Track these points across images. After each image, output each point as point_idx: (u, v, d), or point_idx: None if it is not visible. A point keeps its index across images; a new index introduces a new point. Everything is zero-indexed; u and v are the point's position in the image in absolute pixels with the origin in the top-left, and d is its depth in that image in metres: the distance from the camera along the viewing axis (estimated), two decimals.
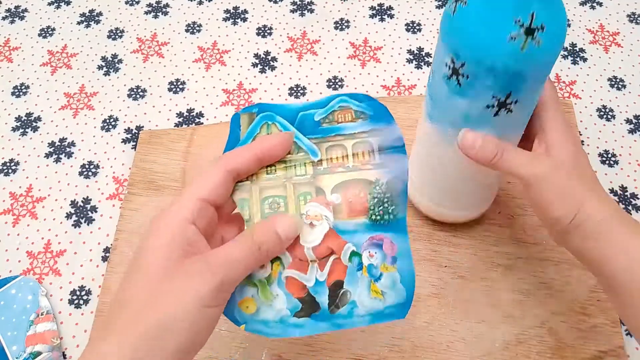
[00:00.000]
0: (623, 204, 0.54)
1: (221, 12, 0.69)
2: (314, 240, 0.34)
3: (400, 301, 0.34)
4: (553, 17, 0.33)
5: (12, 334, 0.48)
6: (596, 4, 0.67)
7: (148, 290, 0.30)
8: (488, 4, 0.33)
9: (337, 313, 0.34)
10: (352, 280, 0.34)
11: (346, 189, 0.35)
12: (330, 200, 0.35)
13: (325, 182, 0.35)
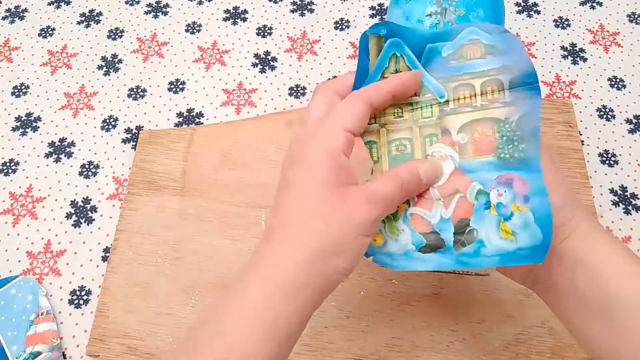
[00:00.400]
0: (623, 204, 0.54)
1: (221, 12, 0.69)
2: (440, 181, 0.34)
3: (536, 243, 0.32)
4: None
5: (12, 334, 0.48)
6: (596, 4, 0.67)
7: (310, 213, 0.31)
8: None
9: (463, 251, 0.33)
10: (479, 218, 0.33)
11: (474, 128, 0.34)
12: (456, 140, 0.35)
13: (451, 122, 0.35)
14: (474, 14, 0.36)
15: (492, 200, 0.33)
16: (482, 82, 0.35)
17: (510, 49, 0.35)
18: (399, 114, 0.36)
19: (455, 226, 0.34)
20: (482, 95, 0.34)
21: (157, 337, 0.48)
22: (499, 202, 0.33)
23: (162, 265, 0.51)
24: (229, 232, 0.52)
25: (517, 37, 0.36)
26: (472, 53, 0.35)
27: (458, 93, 0.35)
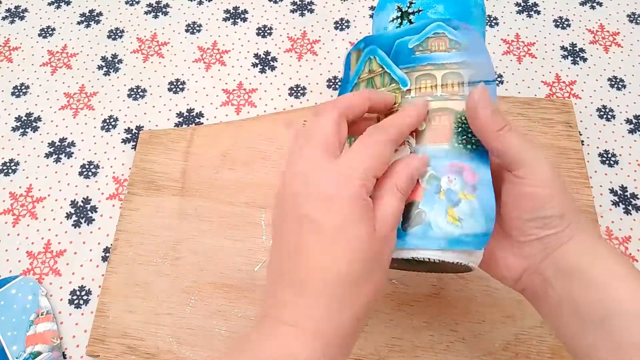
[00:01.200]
0: (623, 204, 0.54)
1: (221, 12, 0.69)
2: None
3: (478, 231, 0.33)
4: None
5: (12, 334, 0.48)
6: (596, 4, 0.67)
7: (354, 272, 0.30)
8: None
9: (412, 232, 0.33)
10: (428, 201, 0.33)
11: (432, 116, 0.35)
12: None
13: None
14: (431, 10, 0.37)
15: (442, 186, 0.34)
16: (443, 74, 0.36)
17: (474, 46, 0.36)
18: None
19: (405, 208, 0.33)
20: (442, 87, 0.36)
21: (157, 337, 0.48)
22: (449, 188, 0.34)
23: (162, 265, 0.51)
24: (229, 232, 0.52)
25: (480, 36, 0.37)
26: (437, 46, 0.36)
27: (420, 82, 0.36)
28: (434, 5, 0.37)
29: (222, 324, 0.48)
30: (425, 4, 0.38)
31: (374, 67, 0.38)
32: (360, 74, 0.38)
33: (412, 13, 0.38)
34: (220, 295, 0.50)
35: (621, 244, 0.52)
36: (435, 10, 0.37)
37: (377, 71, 0.37)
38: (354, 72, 0.39)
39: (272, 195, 0.54)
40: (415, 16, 0.37)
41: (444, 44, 0.36)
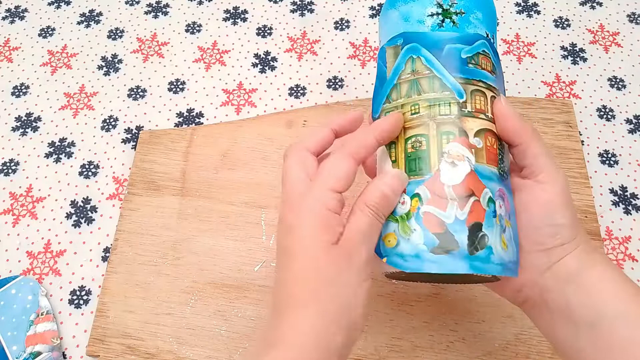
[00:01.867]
0: (623, 204, 0.54)
1: (221, 12, 0.69)
2: (454, 179, 0.33)
3: (515, 259, 0.34)
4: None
5: (12, 334, 0.48)
6: (596, 4, 0.67)
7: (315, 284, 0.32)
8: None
9: (477, 255, 0.32)
10: (489, 225, 0.32)
11: (486, 136, 0.34)
12: (472, 142, 0.34)
13: (469, 124, 0.34)
14: (473, 15, 0.36)
15: (497, 210, 0.33)
16: (491, 95, 0.35)
17: (501, 75, 0.37)
18: (416, 111, 0.35)
19: (470, 229, 0.32)
20: (490, 107, 0.35)
21: (157, 337, 0.48)
22: (500, 213, 0.33)
23: (162, 265, 0.51)
24: (229, 232, 0.52)
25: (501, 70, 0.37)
26: (485, 64, 0.35)
27: (475, 97, 0.35)
28: (475, 11, 0.36)
29: (222, 324, 0.48)
30: (467, 7, 0.36)
31: (418, 68, 0.35)
32: (401, 73, 0.36)
33: (455, 13, 0.36)
34: (220, 295, 0.50)
35: (621, 243, 0.52)
36: (475, 16, 0.36)
37: (423, 73, 0.35)
38: (392, 70, 0.36)
39: (272, 195, 0.54)
40: (459, 18, 0.36)
41: (490, 65, 0.36)
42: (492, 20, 0.38)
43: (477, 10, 0.37)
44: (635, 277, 0.50)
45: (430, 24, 0.36)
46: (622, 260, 0.51)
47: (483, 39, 0.36)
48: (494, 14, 0.38)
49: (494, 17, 0.38)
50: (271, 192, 0.54)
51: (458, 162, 0.33)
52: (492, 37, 0.37)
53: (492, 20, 0.38)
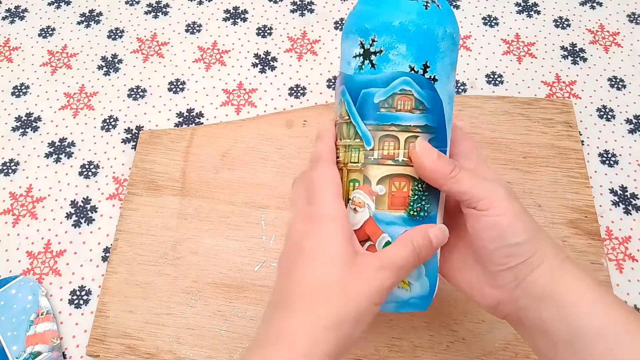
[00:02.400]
0: (623, 204, 0.54)
1: (221, 12, 0.69)
2: (355, 224, 0.35)
3: (424, 293, 0.35)
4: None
5: (12, 334, 0.48)
6: (596, 4, 0.67)
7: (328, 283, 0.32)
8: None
9: None
10: None
11: (392, 181, 0.35)
12: (374, 190, 0.35)
13: (373, 171, 0.35)
14: (394, 52, 0.35)
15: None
16: (406, 137, 0.35)
17: (434, 111, 0.35)
18: (338, 155, 0.37)
19: None
20: (404, 152, 0.35)
21: (157, 337, 0.48)
22: None
23: (162, 265, 0.51)
24: (229, 232, 0.52)
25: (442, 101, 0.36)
26: (402, 104, 0.35)
27: (383, 143, 0.35)
28: (395, 46, 0.35)
29: (222, 324, 0.48)
30: (387, 44, 0.35)
31: (343, 113, 0.36)
32: (337, 115, 0.37)
33: (373, 53, 0.35)
34: (220, 295, 0.50)
35: (621, 243, 0.52)
36: (397, 51, 0.35)
37: (345, 118, 0.36)
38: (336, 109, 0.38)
39: (272, 195, 0.54)
40: (377, 57, 0.35)
41: (410, 104, 0.35)
42: (427, 46, 0.35)
43: (399, 44, 0.35)
44: (635, 277, 0.50)
45: (354, 66, 0.36)
46: (622, 260, 0.51)
47: (404, 76, 0.35)
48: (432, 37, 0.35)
49: (432, 41, 0.35)
50: (271, 192, 0.54)
51: (359, 209, 0.35)
52: (426, 65, 0.35)
53: (427, 46, 0.35)
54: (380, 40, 0.35)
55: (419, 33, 0.35)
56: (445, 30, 0.35)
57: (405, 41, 0.35)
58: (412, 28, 0.34)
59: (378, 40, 0.35)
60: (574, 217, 0.51)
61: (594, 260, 0.49)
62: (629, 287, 0.50)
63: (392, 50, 0.35)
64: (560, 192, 0.52)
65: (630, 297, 0.49)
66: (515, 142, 0.55)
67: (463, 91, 0.61)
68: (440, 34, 0.35)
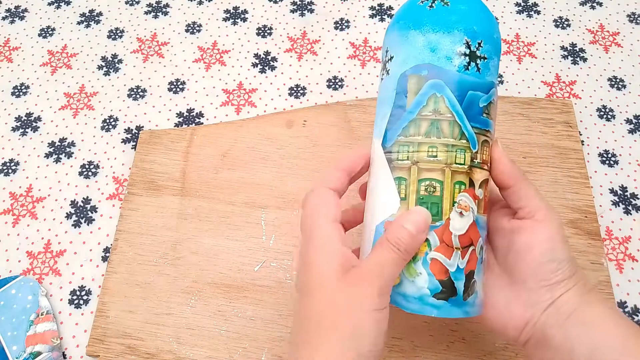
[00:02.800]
0: (623, 204, 0.54)
1: (221, 12, 0.69)
2: (461, 229, 0.34)
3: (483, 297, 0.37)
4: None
5: (12, 334, 0.48)
6: (596, 4, 0.67)
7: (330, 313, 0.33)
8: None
9: (467, 300, 0.34)
10: (478, 271, 0.35)
11: (485, 186, 0.36)
12: (477, 194, 0.35)
13: (477, 175, 0.35)
14: (492, 62, 0.36)
15: (484, 256, 0.36)
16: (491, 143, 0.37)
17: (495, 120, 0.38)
18: (434, 154, 0.35)
19: (466, 277, 0.34)
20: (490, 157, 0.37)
21: (157, 337, 0.48)
22: (485, 258, 0.37)
23: (162, 265, 0.51)
24: (229, 232, 0.52)
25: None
26: (494, 113, 0.37)
27: (483, 148, 0.36)
28: (494, 57, 0.37)
29: (222, 324, 0.48)
30: (490, 53, 0.36)
31: (441, 109, 0.35)
32: (422, 109, 0.35)
33: (480, 57, 0.35)
34: (220, 295, 0.50)
35: (621, 243, 0.52)
36: (494, 63, 0.37)
37: (445, 115, 0.34)
38: (413, 103, 0.35)
39: (272, 195, 0.54)
40: (482, 63, 0.36)
41: (495, 113, 0.37)
42: (498, 66, 0.38)
43: (496, 56, 0.37)
44: (635, 277, 0.50)
45: (458, 64, 0.35)
46: (622, 260, 0.51)
47: (494, 87, 0.37)
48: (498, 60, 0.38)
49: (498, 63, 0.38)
50: (271, 192, 0.54)
51: (465, 212, 0.34)
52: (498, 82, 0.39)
53: (498, 66, 0.38)
54: (485, 47, 0.36)
55: (500, 52, 0.38)
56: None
57: (497, 56, 0.37)
58: (500, 46, 0.37)
59: (484, 46, 0.35)
60: (574, 217, 0.51)
61: (594, 260, 0.49)
62: (629, 287, 0.50)
63: (491, 60, 0.36)
64: (560, 192, 0.52)
65: (630, 297, 0.49)
66: (515, 142, 0.55)
67: None
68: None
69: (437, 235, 0.34)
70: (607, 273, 0.49)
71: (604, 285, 0.48)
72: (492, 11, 0.67)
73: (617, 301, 0.49)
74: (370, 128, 0.57)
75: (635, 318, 0.48)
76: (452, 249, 0.34)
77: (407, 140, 0.35)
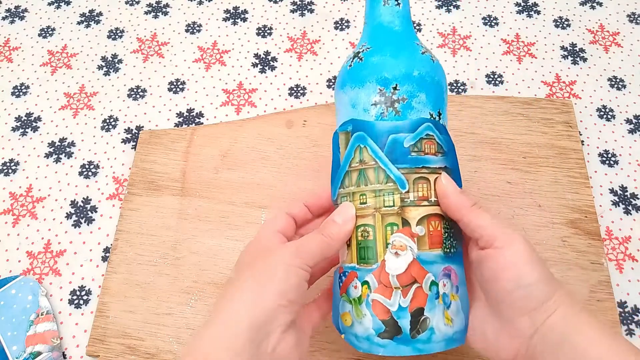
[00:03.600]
0: (623, 204, 0.54)
1: (221, 12, 0.69)
2: (398, 269, 0.35)
3: (462, 327, 0.36)
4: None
5: (12, 334, 0.48)
6: (596, 4, 0.67)
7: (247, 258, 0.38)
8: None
9: (418, 338, 0.35)
10: (431, 307, 0.35)
11: (429, 221, 0.36)
12: (415, 231, 0.36)
13: (411, 213, 0.36)
14: (416, 100, 0.37)
15: (440, 291, 0.36)
16: (434, 178, 0.37)
17: (451, 152, 0.38)
18: (364, 201, 0.37)
19: (412, 314, 0.35)
20: (434, 191, 0.37)
21: (157, 337, 0.48)
22: (444, 292, 0.36)
23: (162, 265, 0.51)
24: (229, 232, 0.52)
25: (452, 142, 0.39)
26: (429, 148, 0.37)
27: (417, 186, 0.37)
28: (417, 94, 0.37)
29: None
30: (410, 92, 0.37)
31: (365, 158, 0.37)
32: (351, 161, 0.38)
33: (397, 101, 0.37)
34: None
35: (621, 244, 0.52)
36: (419, 99, 0.37)
37: (369, 164, 0.37)
38: (344, 157, 0.38)
39: (272, 195, 0.54)
40: (401, 105, 0.37)
41: (434, 147, 0.37)
42: (438, 95, 0.38)
43: (420, 92, 0.37)
44: (635, 277, 0.50)
45: (374, 113, 0.37)
46: (622, 260, 0.51)
47: (427, 122, 0.37)
48: (441, 88, 0.39)
49: (441, 91, 0.39)
50: (271, 192, 0.54)
51: (401, 252, 0.36)
52: (439, 113, 0.38)
53: (439, 96, 0.38)
54: (403, 89, 0.37)
55: (432, 83, 0.38)
56: (445, 82, 0.39)
57: (424, 90, 0.37)
58: (428, 79, 0.37)
59: (400, 89, 0.37)
60: (574, 217, 0.51)
61: (594, 260, 0.49)
62: (629, 287, 0.50)
63: (414, 98, 0.37)
64: (560, 192, 0.52)
65: (630, 297, 0.49)
66: (515, 142, 0.55)
67: (463, 91, 0.61)
68: (444, 85, 0.39)
69: (375, 278, 0.36)
70: (607, 273, 0.49)
71: (604, 285, 0.48)
72: (492, 11, 0.67)
73: (617, 301, 0.49)
74: None
75: (636, 318, 0.48)
76: (391, 289, 0.35)
77: (345, 192, 0.38)
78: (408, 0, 0.40)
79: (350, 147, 0.38)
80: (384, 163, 0.36)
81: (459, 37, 0.65)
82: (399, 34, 0.39)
